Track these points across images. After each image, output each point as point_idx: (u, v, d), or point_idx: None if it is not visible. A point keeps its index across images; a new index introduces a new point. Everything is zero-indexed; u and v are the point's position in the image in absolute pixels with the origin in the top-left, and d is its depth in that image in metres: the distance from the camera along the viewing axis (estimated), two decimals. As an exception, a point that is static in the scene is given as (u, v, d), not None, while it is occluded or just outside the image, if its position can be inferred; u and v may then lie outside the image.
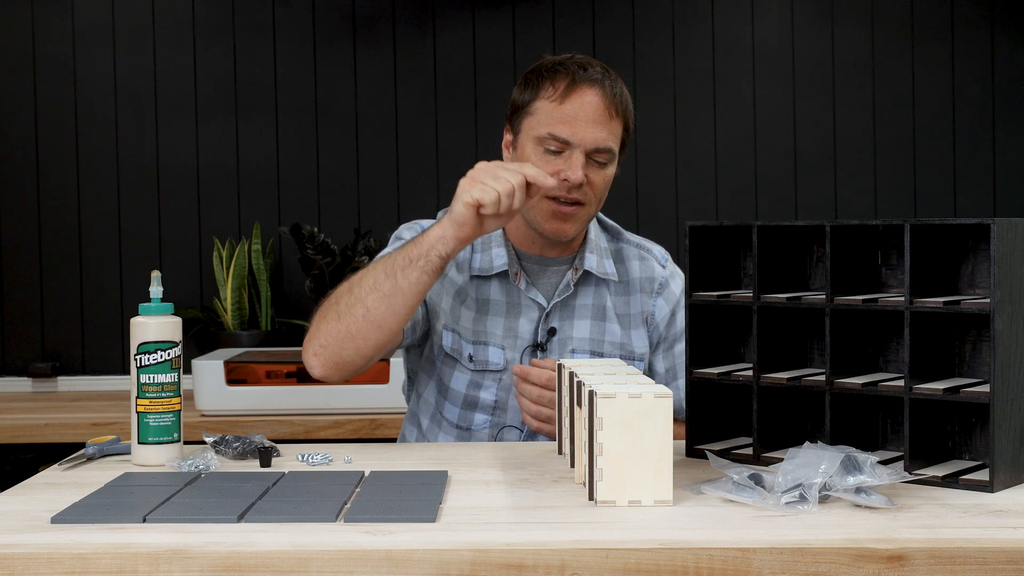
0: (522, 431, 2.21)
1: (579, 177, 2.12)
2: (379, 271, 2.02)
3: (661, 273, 2.32)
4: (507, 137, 2.24)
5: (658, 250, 2.37)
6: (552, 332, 2.23)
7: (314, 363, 2.08)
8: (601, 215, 2.36)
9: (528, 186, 1.96)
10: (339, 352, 2.05)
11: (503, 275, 2.25)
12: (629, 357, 2.26)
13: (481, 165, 1.97)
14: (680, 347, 2.31)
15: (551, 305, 2.24)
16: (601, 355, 2.24)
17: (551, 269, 2.27)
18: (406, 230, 2.30)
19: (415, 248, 2.00)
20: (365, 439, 3.19)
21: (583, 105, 2.14)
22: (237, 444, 1.85)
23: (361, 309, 2.01)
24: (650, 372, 2.31)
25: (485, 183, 1.93)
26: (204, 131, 3.94)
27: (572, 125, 2.13)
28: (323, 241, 3.72)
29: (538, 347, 2.23)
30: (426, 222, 2.31)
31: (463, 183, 1.95)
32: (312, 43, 3.96)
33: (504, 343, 2.22)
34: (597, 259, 2.27)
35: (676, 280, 2.33)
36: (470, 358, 2.22)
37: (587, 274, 2.27)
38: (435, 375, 2.26)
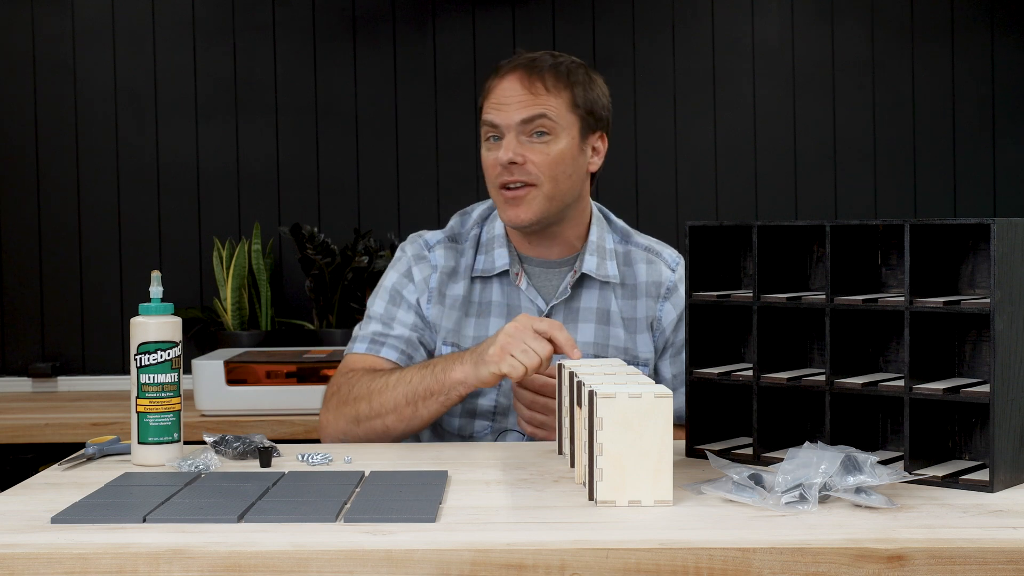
0: (523, 435, 2.20)
1: (506, 156, 2.14)
2: (400, 394, 2.06)
3: (670, 277, 2.29)
4: None
5: (669, 253, 2.32)
6: None
7: (330, 442, 2.18)
8: (611, 215, 2.34)
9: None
10: (355, 442, 2.14)
11: (504, 275, 2.25)
12: (633, 362, 2.25)
13: (511, 329, 1.95)
14: None
15: (550, 307, 2.23)
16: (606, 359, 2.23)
17: (553, 271, 2.26)
18: (409, 245, 2.31)
19: (436, 382, 2.03)
20: (365, 439, 3.19)
21: (504, 89, 2.18)
22: (237, 444, 1.85)
23: (380, 425, 2.09)
24: (657, 377, 2.29)
25: (515, 356, 1.92)
26: (204, 131, 3.94)
27: (498, 108, 2.17)
28: (323, 241, 3.72)
29: None
30: (429, 234, 2.30)
31: (494, 351, 1.94)
32: (312, 43, 3.96)
33: None
34: (598, 261, 2.25)
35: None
36: None
37: (592, 277, 2.25)
38: None
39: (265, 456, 1.80)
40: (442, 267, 2.26)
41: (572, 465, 1.77)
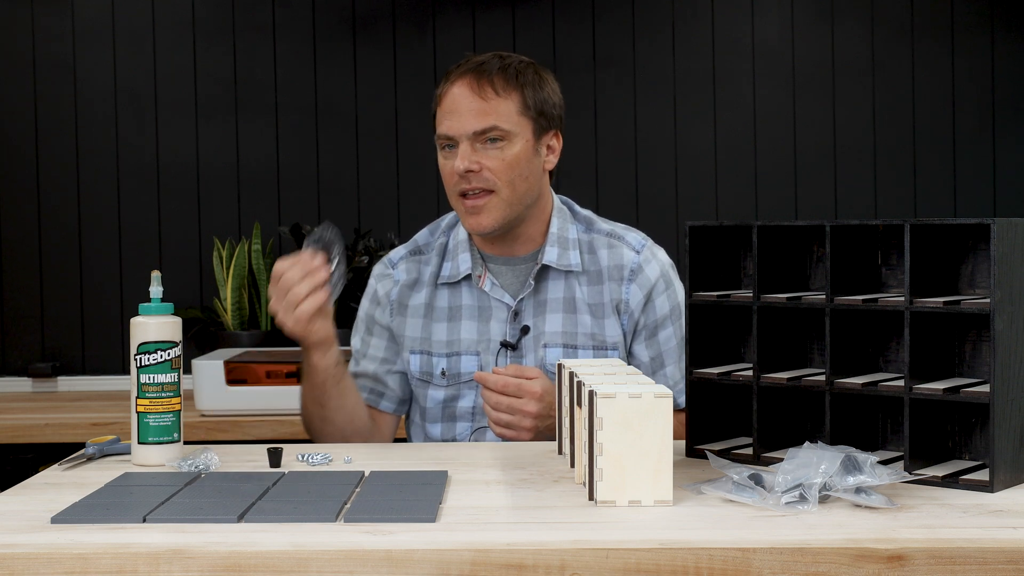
0: None
1: (463, 165, 2.15)
2: (307, 401, 2.20)
3: (633, 259, 2.27)
4: None
5: (633, 236, 2.31)
6: (525, 330, 2.23)
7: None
8: (575, 206, 2.34)
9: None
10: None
11: (470, 279, 2.26)
12: (602, 347, 2.25)
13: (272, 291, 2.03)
14: (665, 333, 2.27)
15: (516, 303, 2.24)
16: (575, 347, 2.23)
17: (518, 268, 2.27)
18: (376, 267, 2.37)
19: (306, 378, 2.18)
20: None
21: (454, 98, 2.18)
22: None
23: (331, 428, 2.20)
24: (633, 360, 2.29)
25: (275, 309, 2.04)
26: (204, 131, 3.94)
27: (450, 119, 2.18)
28: (323, 241, 3.72)
29: (507, 346, 2.23)
30: (393, 252, 2.36)
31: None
32: (312, 43, 3.96)
33: (478, 348, 2.24)
34: (559, 251, 2.26)
35: (652, 265, 2.27)
36: (443, 373, 2.24)
37: (555, 268, 2.26)
38: (417, 399, 2.31)
39: (274, 456, 1.80)
40: (404, 281, 2.30)
41: (572, 465, 1.77)
